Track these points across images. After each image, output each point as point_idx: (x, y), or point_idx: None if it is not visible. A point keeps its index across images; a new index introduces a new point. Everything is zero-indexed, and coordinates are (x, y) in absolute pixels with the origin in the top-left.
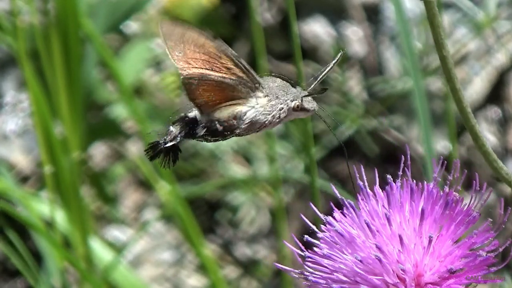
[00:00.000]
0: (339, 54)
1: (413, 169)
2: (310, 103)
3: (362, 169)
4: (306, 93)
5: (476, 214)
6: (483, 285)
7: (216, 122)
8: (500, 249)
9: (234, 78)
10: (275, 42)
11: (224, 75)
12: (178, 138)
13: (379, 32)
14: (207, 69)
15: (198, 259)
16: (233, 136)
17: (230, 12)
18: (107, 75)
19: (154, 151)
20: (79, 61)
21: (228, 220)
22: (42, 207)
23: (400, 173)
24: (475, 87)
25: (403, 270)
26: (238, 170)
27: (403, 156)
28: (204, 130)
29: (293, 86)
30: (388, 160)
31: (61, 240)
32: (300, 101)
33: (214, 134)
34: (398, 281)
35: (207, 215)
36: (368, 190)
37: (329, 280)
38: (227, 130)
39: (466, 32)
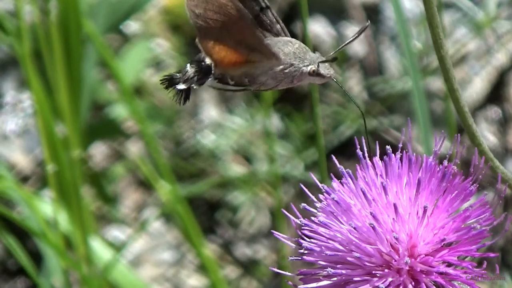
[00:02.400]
0: (366, 24)
1: None
2: (326, 69)
3: (364, 141)
4: (323, 58)
5: (473, 188)
6: (483, 284)
7: (228, 78)
8: (495, 223)
9: (250, 44)
10: None
11: (240, 39)
12: (190, 83)
13: (379, 32)
14: (225, 30)
15: (198, 259)
16: (243, 90)
17: None
18: (107, 75)
19: (168, 83)
20: (79, 61)
21: (228, 220)
22: (42, 207)
23: (401, 145)
24: (475, 87)
25: (396, 239)
26: (238, 170)
27: (404, 129)
28: (216, 81)
29: (313, 51)
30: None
31: (61, 240)
32: (316, 66)
33: (225, 84)
34: (392, 250)
35: (207, 215)
36: (368, 161)
37: (323, 248)
38: (238, 85)
39: (466, 32)
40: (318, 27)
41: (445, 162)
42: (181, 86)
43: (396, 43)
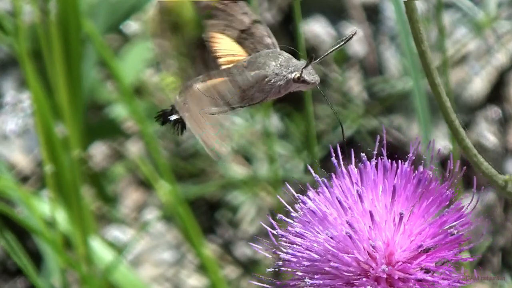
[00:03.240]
0: (351, 33)
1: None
2: (310, 76)
3: (338, 148)
4: (305, 64)
5: (449, 193)
6: (483, 284)
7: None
8: (471, 227)
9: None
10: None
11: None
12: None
13: (379, 32)
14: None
15: (198, 259)
16: (234, 109)
17: None
18: (107, 75)
19: (163, 119)
20: (79, 61)
21: (228, 220)
22: (42, 207)
23: (375, 152)
24: (475, 87)
25: (373, 247)
26: (238, 170)
27: (379, 136)
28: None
29: (297, 58)
30: (388, 160)
31: (61, 240)
32: (300, 72)
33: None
34: (369, 258)
35: (207, 215)
36: (343, 169)
37: (300, 258)
38: (228, 105)
39: (466, 32)
40: (318, 27)
41: (421, 168)
42: (174, 117)
43: (396, 43)
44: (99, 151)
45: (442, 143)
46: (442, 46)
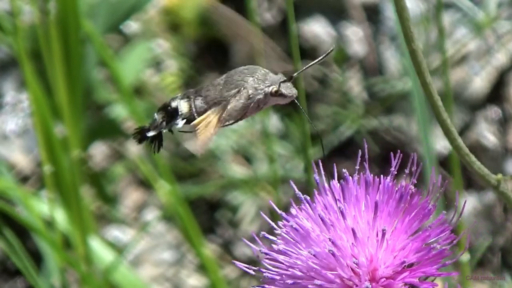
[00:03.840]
0: (330, 49)
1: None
2: (288, 89)
3: (320, 164)
4: (284, 78)
5: (431, 207)
6: (483, 284)
7: (196, 115)
8: (454, 242)
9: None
10: (275, 42)
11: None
12: (159, 128)
13: (379, 32)
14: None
15: (198, 259)
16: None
17: None
18: (107, 75)
19: (140, 136)
20: (79, 61)
21: (228, 220)
22: (42, 207)
23: (357, 167)
24: (475, 87)
25: (357, 263)
26: (238, 170)
27: (360, 151)
28: (184, 121)
29: (275, 73)
30: (388, 160)
31: (61, 240)
32: (277, 86)
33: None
34: (353, 275)
35: (207, 215)
36: (325, 185)
37: (284, 276)
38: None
39: (466, 32)
40: (318, 27)
41: (403, 182)
42: (151, 133)
43: (396, 43)
44: (99, 151)
45: (442, 143)
46: (442, 46)
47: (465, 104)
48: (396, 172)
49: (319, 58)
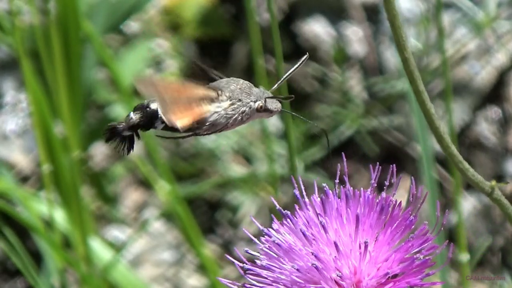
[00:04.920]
0: (304, 57)
1: (413, 169)
2: (273, 104)
3: (300, 179)
4: (269, 94)
5: (413, 218)
6: (483, 284)
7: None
8: (437, 251)
9: (198, 96)
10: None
11: (190, 95)
12: (136, 129)
13: (379, 32)
14: (176, 96)
15: (198, 259)
16: (191, 135)
17: (230, 12)
18: (107, 75)
19: (111, 134)
20: (79, 61)
21: (228, 220)
22: (42, 207)
23: (337, 181)
24: (475, 87)
25: (340, 276)
26: (238, 170)
27: (339, 165)
28: (163, 125)
29: (256, 86)
30: (388, 160)
31: (60, 240)
32: (263, 101)
33: (172, 130)
34: (337, 287)
35: (207, 215)
36: (306, 199)
37: None
38: (187, 131)
39: (466, 32)
40: (318, 27)
41: (383, 194)
42: (126, 133)
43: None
44: (99, 151)
45: None
46: (442, 46)
47: (465, 104)
48: (376, 184)
49: (295, 67)
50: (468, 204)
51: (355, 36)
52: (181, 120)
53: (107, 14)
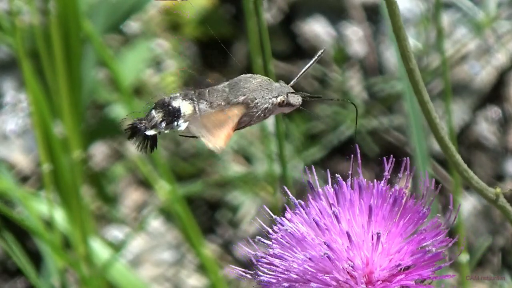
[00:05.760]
0: (320, 52)
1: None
2: (294, 98)
3: (314, 170)
4: (290, 88)
5: (425, 211)
6: (483, 284)
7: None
8: (449, 245)
9: (234, 116)
10: (275, 42)
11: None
12: (159, 128)
13: (379, 32)
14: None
15: (198, 259)
16: None
17: (230, 12)
18: (107, 75)
19: (133, 133)
20: (79, 61)
21: (228, 220)
22: (42, 207)
23: (350, 172)
24: (475, 87)
25: (352, 266)
26: (238, 170)
27: (352, 156)
28: (186, 124)
29: (276, 81)
30: (388, 160)
31: (60, 240)
32: (285, 96)
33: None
34: (349, 277)
35: (207, 215)
36: (319, 190)
37: (280, 279)
38: None
39: (466, 32)
40: (318, 27)
41: (396, 186)
42: (150, 132)
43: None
44: (99, 151)
45: None
46: (441, 46)
47: (465, 104)
48: (389, 176)
49: (311, 62)
50: (468, 204)
51: (355, 36)
52: (221, 140)
53: (107, 14)
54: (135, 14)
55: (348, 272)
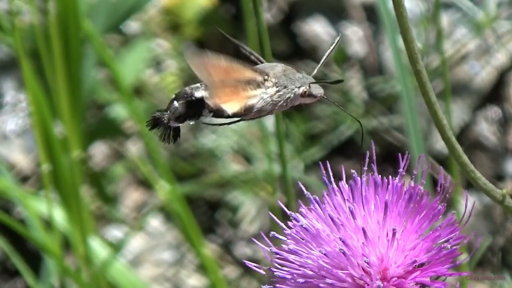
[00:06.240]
0: (337, 39)
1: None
2: (317, 89)
3: (328, 165)
4: (312, 79)
5: (441, 208)
6: (482, 284)
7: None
8: (465, 241)
9: (245, 79)
10: (275, 42)
11: (237, 79)
12: (183, 119)
13: (379, 32)
14: (224, 77)
15: (198, 259)
16: (238, 121)
17: (230, 12)
18: (107, 75)
19: (155, 124)
20: (79, 61)
21: (228, 220)
22: (42, 207)
23: (365, 168)
24: (475, 87)
25: (367, 263)
26: (238, 170)
27: (368, 152)
28: (211, 114)
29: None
30: (388, 160)
31: (60, 241)
32: (308, 87)
33: (219, 117)
34: (364, 274)
35: (207, 215)
36: (334, 185)
37: (295, 275)
38: (234, 117)
39: (466, 32)
40: (318, 27)
41: (412, 183)
42: (175, 124)
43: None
44: (99, 151)
45: (442, 143)
46: (441, 46)
47: (465, 104)
48: (404, 173)
49: (329, 50)
50: (468, 204)
51: (355, 36)
52: (228, 105)
53: (107, 14)
54: (135, 14)
55: (363, 269)
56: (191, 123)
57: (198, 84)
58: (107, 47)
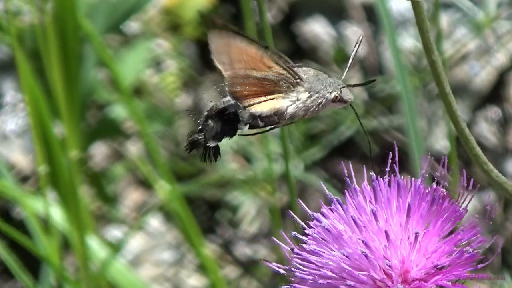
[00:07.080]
0: (360, 38)
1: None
2: (348, 95)
3: (351, 166)
4: (343, 84)
5: (463, 211)
6: (483, 284)
7: (258, 119)
8: (487, 245)
9: (275, 75)
10: (275, 42)
11: (265, 73)
12: (220, 136)
13: (379, 32)
14: (250, 69)
15: (198, 259)
16: (273, 128)
17: (230, 12)
18: (107, 75)
19: (193, 147)
20: (78, 61)
21: (228, 220)
22: (41, 207)
23: (388, 169)
24: (475, 87)
25: (389, 266)
26: (238, 170)
27: (390, 153)
28: (247, 127)
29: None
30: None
31: (58, 241)
32: (339, 92)
33: (255, 128)
34: (385, 276)
35: (207, 215)
36: (356, 186)
37: (316, 276)
38: (268, 125)
39: (466, 32)
40: (318, 27)
41: (434, 185)
42: (213, 143)
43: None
44: (99, 151)
45: (442, 143)
46: (440, 47)
47: (465, 104)
48: (426, 175)
49: (354, 51)
50: (468, 204)
51: (355, 36)
52: (256, 108)
53: (107, 14)
54: (135, 14)
55: (384, 271)
56: (229, 138)
57: (228, 98)
58: (107, 47)
